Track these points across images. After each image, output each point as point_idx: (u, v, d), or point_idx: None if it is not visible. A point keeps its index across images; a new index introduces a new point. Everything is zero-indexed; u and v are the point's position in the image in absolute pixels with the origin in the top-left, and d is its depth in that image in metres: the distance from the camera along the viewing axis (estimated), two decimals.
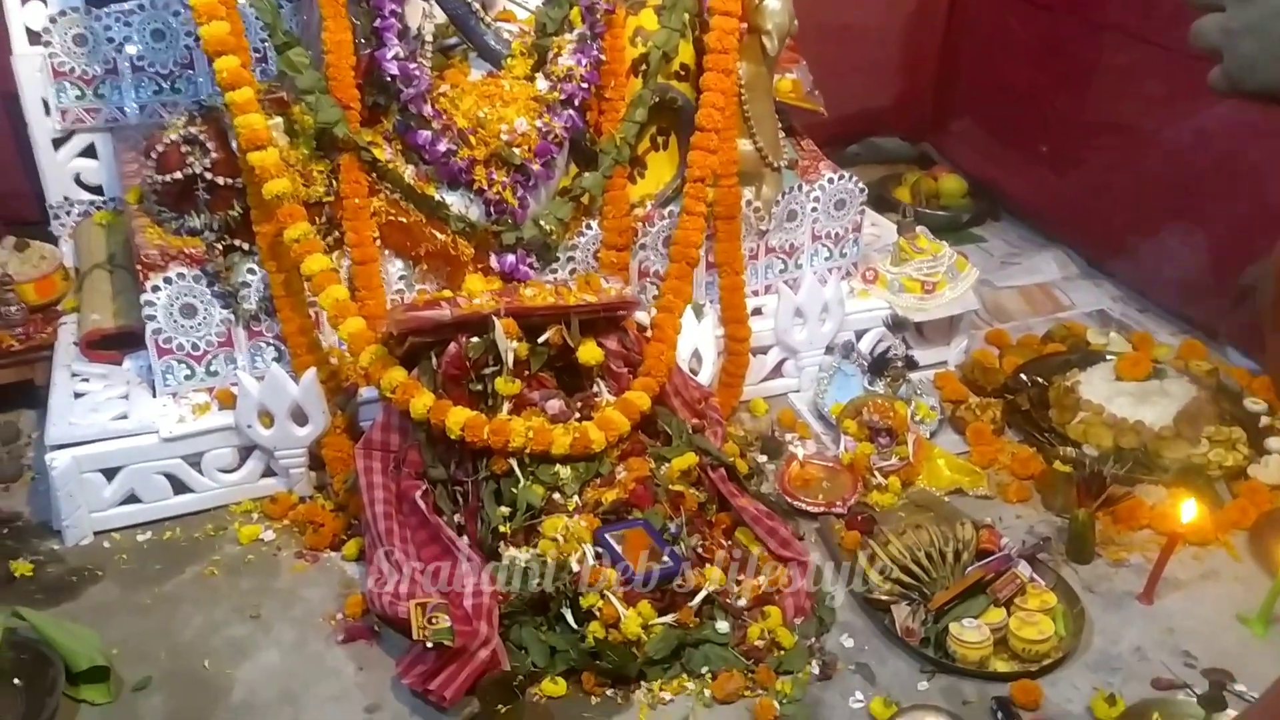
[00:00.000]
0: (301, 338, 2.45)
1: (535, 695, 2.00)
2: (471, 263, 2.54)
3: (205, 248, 2.42)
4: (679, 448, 2.34)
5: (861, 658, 2.10)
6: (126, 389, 2.49)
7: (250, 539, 2.38)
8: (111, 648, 2.10)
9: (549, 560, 2.09)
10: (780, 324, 2.79)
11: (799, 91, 3.05)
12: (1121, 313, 3.25)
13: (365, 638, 2.14)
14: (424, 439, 2.25)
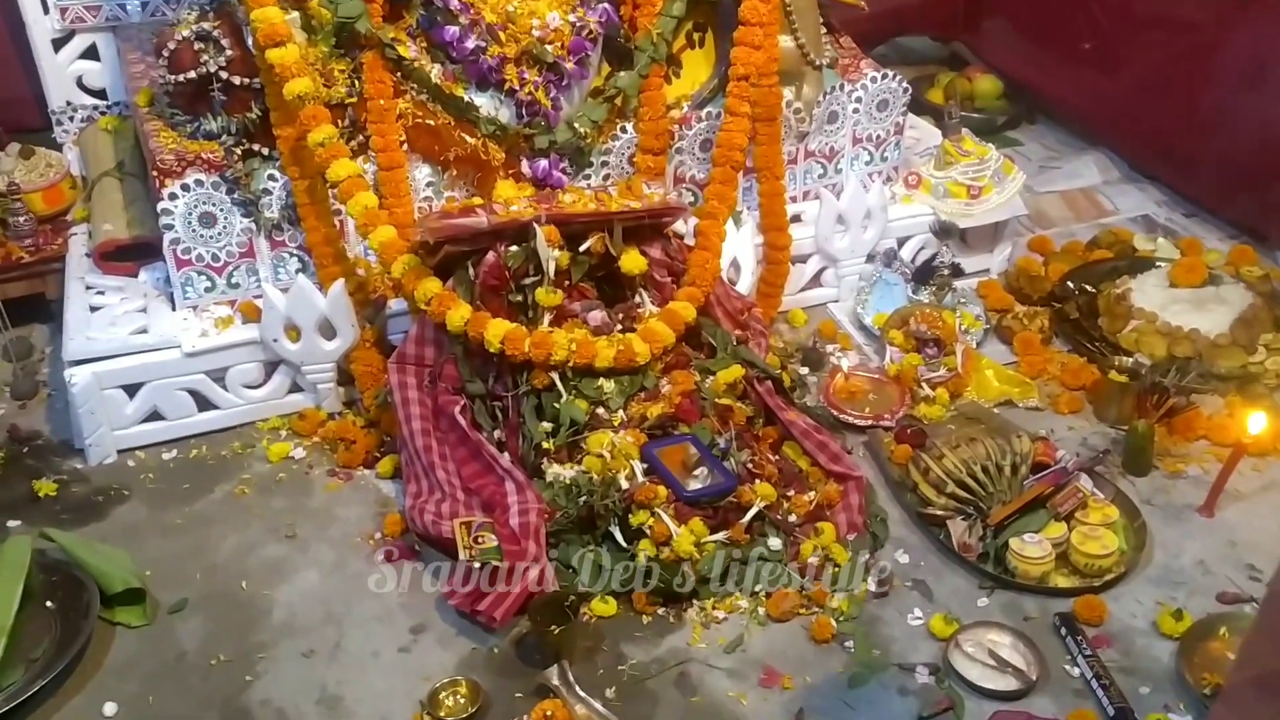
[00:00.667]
0: (327, 248, 2.34)
1: (585, 615, 1.94)
2: (502, 168, 2.42)
3: (223, 152, 2.29)
4: (724, 360, 2.25)
5: (918, 574, 2.05)
6: (144, 302, 2.39)
7: (280, 457, 2.31)
8: (144, 569, 2.03)
9: (595, 477, 2.02)
10: (821, 231, 2.68)
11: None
12: (1167, 218, 3.14)
13: (406, 557, 2.07)
14: (461, 353, 2.16)
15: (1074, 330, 2.63)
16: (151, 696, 1.81)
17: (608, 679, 1.84)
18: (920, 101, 3.57)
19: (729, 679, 1.85)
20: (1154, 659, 1.86)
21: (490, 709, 1.79)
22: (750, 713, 1.79)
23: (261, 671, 1.86)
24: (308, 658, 1.88)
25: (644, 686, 1.84)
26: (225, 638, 1.92)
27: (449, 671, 1.85)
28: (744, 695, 1.82)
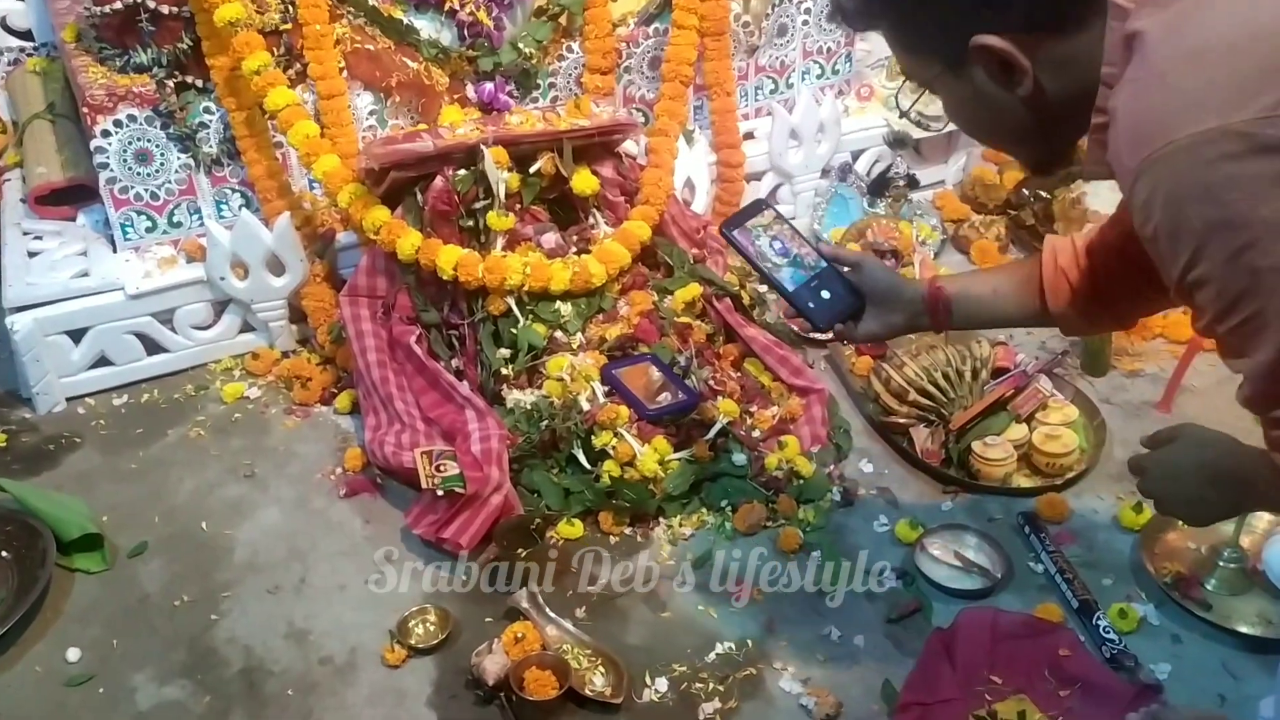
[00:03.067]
0: (270, 181, 2.28)
1: (552, 538, 1.94)
2: (447, 93, 2.36)
3: (155, 86, 2.21)
4: (682, 278, 2.23)
5: (882, 482, 2.05)
6: (84, 245, 2.32)
7: (234, 397, 2.26)
8: (101, 515, 2.00)
9: (555, 401, 1.99)
10: (775, 147, 2.65)
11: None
12: None
13: (368, 490, 2.05)
14: (413, 282, 2.12)
15: (1030, 236, 2.63)
16: (115, 640, 1.79)
17: (577, 599, 1.84)
18: None
19: (698, 594, 1.85)
20: (1116, 552, 1.88)
21: (461, 635, 1.78)
22: (721, 625, 1.79)
23: (226, 610, 1.83)
24: (273, 594, 1.86)
25: (614, 605, 1.83)
26: (188, 579, 1.89)
27: (417, 600, 1.84)
28: (714, 609, 1.82)
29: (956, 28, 1.00)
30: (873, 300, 1.52)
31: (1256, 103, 0.84)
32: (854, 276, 1.54)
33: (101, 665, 1.75)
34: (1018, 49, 0.99)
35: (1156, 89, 0.90)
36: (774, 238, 1.55)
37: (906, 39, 1.08)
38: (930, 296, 1.52)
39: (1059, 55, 0.99)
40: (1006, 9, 0.98)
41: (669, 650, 1.75)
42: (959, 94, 1.08)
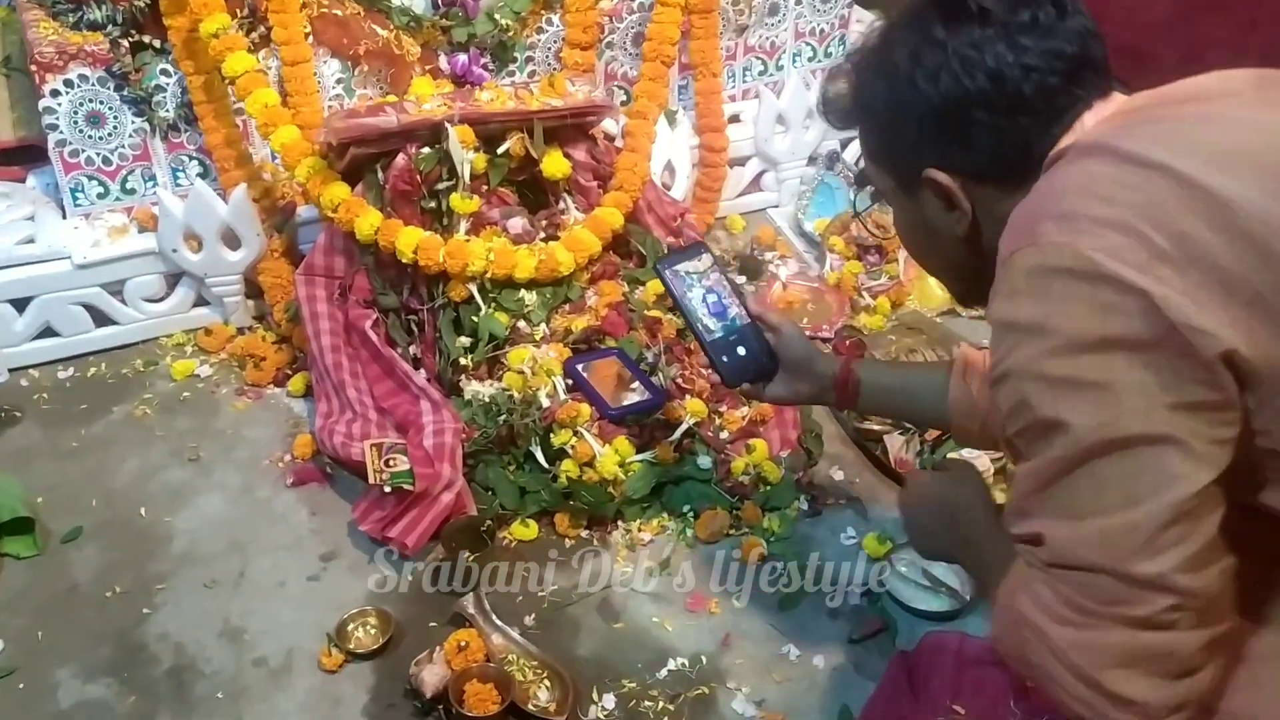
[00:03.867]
0: (228, 150, 2.17)
1: (505, 539, 1.86)
2: (418, 63, 2.26)
3: (109, 45, 2.10)
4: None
5: (853, 491, 1.97)
6: (32, 209, 2.21)
7: (184, 375, 2.17)
8: (36, 496, 1.92)
9: (515, 394, 1.91)
10: (761, 131, 2.55)
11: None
12: None
13: (317, 480, 1.96)
14: (372, 263, 2.03)
15: None
16: (41, 631, 1.70)
17: (527, 605, 1.76)
18: None
19: (654, 604, 1.78)
20: None
21: (403, 639, 1.70)
22: (675, 638, 1.72)
23: (160, 603, 1.75)
24: (210, 588, 1.78)
25: (565, 613, 1.76)
26: (122, 568, 1.81)
27: (360, 601, 1.76)
28: (668, 621, 1.75)
29: (916, 154, 1.07)
30: (786, 367, 1.56)
31: (1109, 238, 0.90)
32: (773, 339, 1.57)
33: (25, 658, 1.67)
34: (963, 191, 1.06)
35: (1045, 197, 0.97)
36: (708, 288, 1.57)
37: (874, 149, 1.14)
38: (840, 377, 1.55)
39: (997, 208, 1.05)
40: (963, 153, 1.04)
41: (619, 664, 1.68)
42: (908, 213, 1.14)
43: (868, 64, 1.11)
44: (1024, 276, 0.94)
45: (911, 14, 1.07)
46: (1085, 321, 0.90)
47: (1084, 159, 0.97)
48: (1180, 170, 0.91)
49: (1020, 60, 1.00)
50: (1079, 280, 0.90)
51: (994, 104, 1.01)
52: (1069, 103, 1.01)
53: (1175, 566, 0.89)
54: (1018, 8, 1.01)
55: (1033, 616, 0.97)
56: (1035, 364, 0.93)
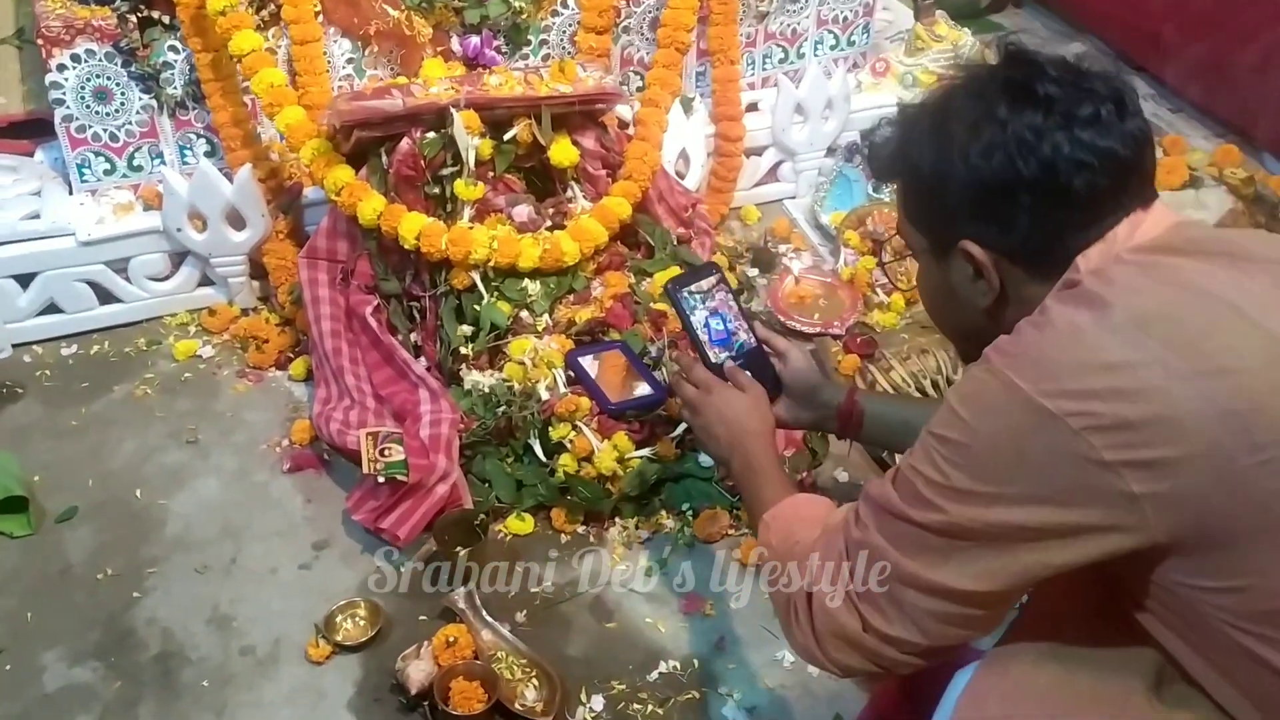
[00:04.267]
0: (236, 129, 2.15)
1: (500, 533, 1.83)
2: (430, 45, 2.22)
3: (117, 20, 2.08)
4: (662, 260, 2.09)
5: (857, 494, 1.92)
6: (39, 184, 2.20)
7: (186, 355, 2.16)
8: (33, 474, 1.91)
9: (515, 385, 1.88)
10: (778, 121, 2.49)
11: None
12: (1153, 113, 2.94)
13: (314, 466, 1.95)
14: (374, 248, 2.00)
15: None
16: (30, 612, 1.70)
17: (519, 602, 1.74)
18: None
19: (648, 604, 1.75)
20: None
21: (391, 632, 1.68)
22: (668, 640, 1.69)
23: (150, 587, 1.74)
24: (201, 574, 1.77)
25: (557, 611, 1.73)
26: (114, 550, 1.80)
27: (351, 591, 1.74)
28: (662, 622, 1.72)
29: (955, 224, 1.07)
30: (790, 392, 1.54)
31: (1061, 402, 0.93)
32: (779, 364, 1.55)
33: (12, 639, 1.66)
34: (994, 267, 1.07)
35: (1035, 328, 0.99)
36: (713, 309, 1.55)
37: (912, 208, 1.14)
38: (844, 408, 1.55)
39: (1022, 289, 1.07)
40: (1001, 233, 1.05)
41: (610, 665, 1.65)
42: (934, 276, 1.14)
43: (921, 123, 1.10)
44: (986, 387, 0.98)
45: (976, 85, 1.07)
46: (1008, 450, 0.96)
47: (1095, 310, 0.96)
48: (1174, 368, 0.92)
49: (1075, 154, 1.00)
50: (1018, 415, 0.95)
51: (1041, 192, 1.02)
52: (1111, 208, 1.02)
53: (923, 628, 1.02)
54: (1082, 101, 1.01)
55: (830, 531, 1.11)
56: (946, 460, 0.98)
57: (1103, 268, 1.00)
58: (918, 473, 1.00)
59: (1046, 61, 1.04)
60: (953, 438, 0.98)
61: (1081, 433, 0.92)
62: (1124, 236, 1.02)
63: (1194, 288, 0.97)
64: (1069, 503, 0.94)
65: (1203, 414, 0.91)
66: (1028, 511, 0.95)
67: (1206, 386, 0.91)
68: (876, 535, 1.03)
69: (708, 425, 1.44)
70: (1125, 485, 0.91)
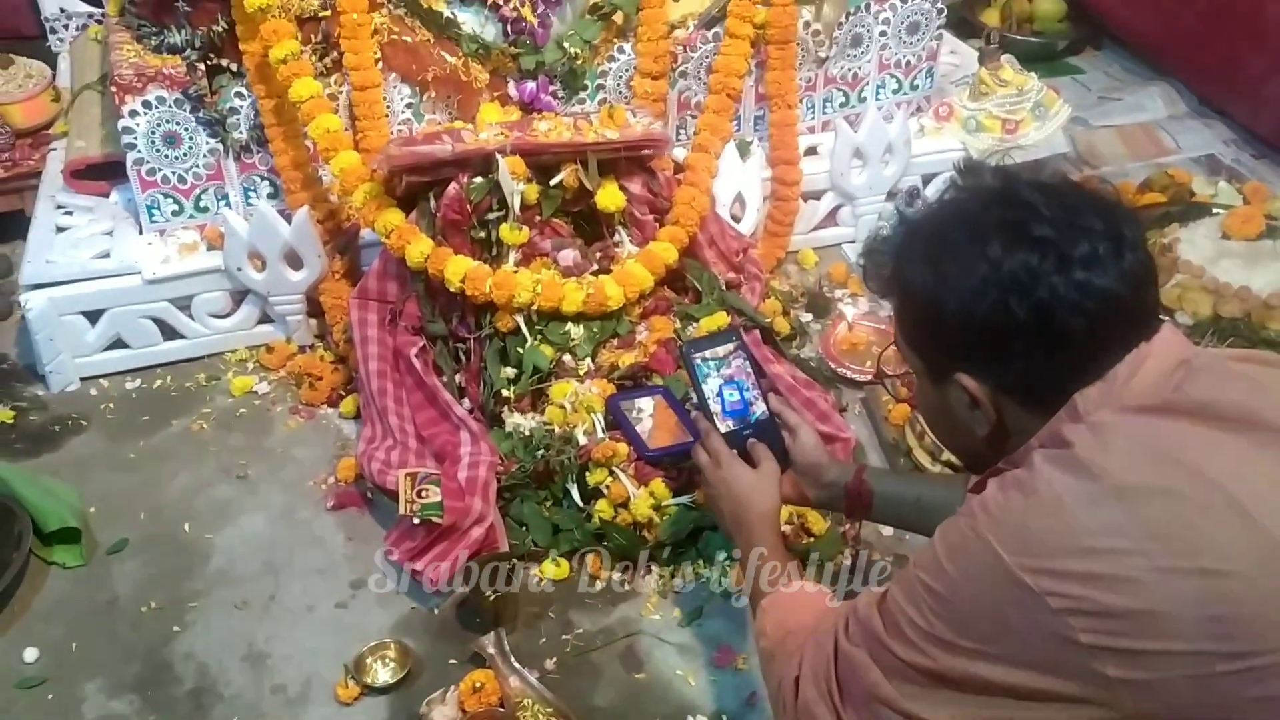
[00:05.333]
0: (296, 172, 2.21)
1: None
2: (487, 90, 2.26)
3: (187, 68, 2.16)
4: (709, 305, 2.08)
5: (900, 549, 1.88)
6: (112, 224, 2.29)
7: (243, 391, 2.21)
8: (90, 505, 1.97)
9: (555, 429, 1.88)
10: (837, 165, 2.47)
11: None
12: (1234, 158, 2.85)
13: (357, 505, 1.97)
14: (423, 290, 2.03)
15: None
16: (75, 643, 1.74)
17: (550, 648, 1.73)
18: (972, 23, 3.31)
19: (680, 655, 1.72)
20: None
21: (420, 675, 1.69)
22: (697, 694, 1.66)
23: (190, 622, 1.78)
24: (240, 609, 1.80)
25: (587, 659, 1.72)
26: (160, 583, 1.84)
27: (384, 632, 1.75)
28: (693, 674, 1.69)
29: (949, 355, 1.06)
30: (797, 469, 1.52)
31: (1041, 580, 0.91)
32: (789, 439, 1.52)
33: (57, 669, 1.71)
34: (990, 399, 1.05)
35: (1022, 493, 0.96)
36: (729, 375, 1.52)
37: (907, 332, 1.12)
38: (853, 488, 1.52)
39: (1021, 422, 1.05)
40: (997, 370, 1.03)
41: (637, 718, 1.63)
42: (931, 398, 1.12)
43: (915, 250, 1.07)
44: (970, 543, 0.97)
45: (969, 219, 1.03)
46: (981, 614, 0.96)
47: (1083, 481, 0.93)
48: (1158, 561, 0.89)
49: (1071, 297, 0.97)
50: (997, 586, 0.94)
51: (1036, 335, 0.99)
52: (1111, 348, 0.99)
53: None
54: (1078, 240, 0.98)
55: (822, 634, 1.12)
56: (931, 610, 0.99)
57: (1100, 424, 0.97)
58: (903, 612, 1.01)
59: (1041, 199, 1.00)
60: (937, 589, 0.98)
61: (1060, 613, 0.90)
62: (1125, 375, 0.99)
63: (1191, 469, 0.92)
64: (1047, 671, 0.93)
65: (1183, 615, 0.88)
66: (1007, 671, 0.95)
67: (1189, 586, 0.88)
68: (864, 654, 1.04)
69: (715, 498, 1.45)
70: (1101, 667, 0.90)
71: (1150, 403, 0.97)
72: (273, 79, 2.12)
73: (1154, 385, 0.98)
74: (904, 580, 1.02)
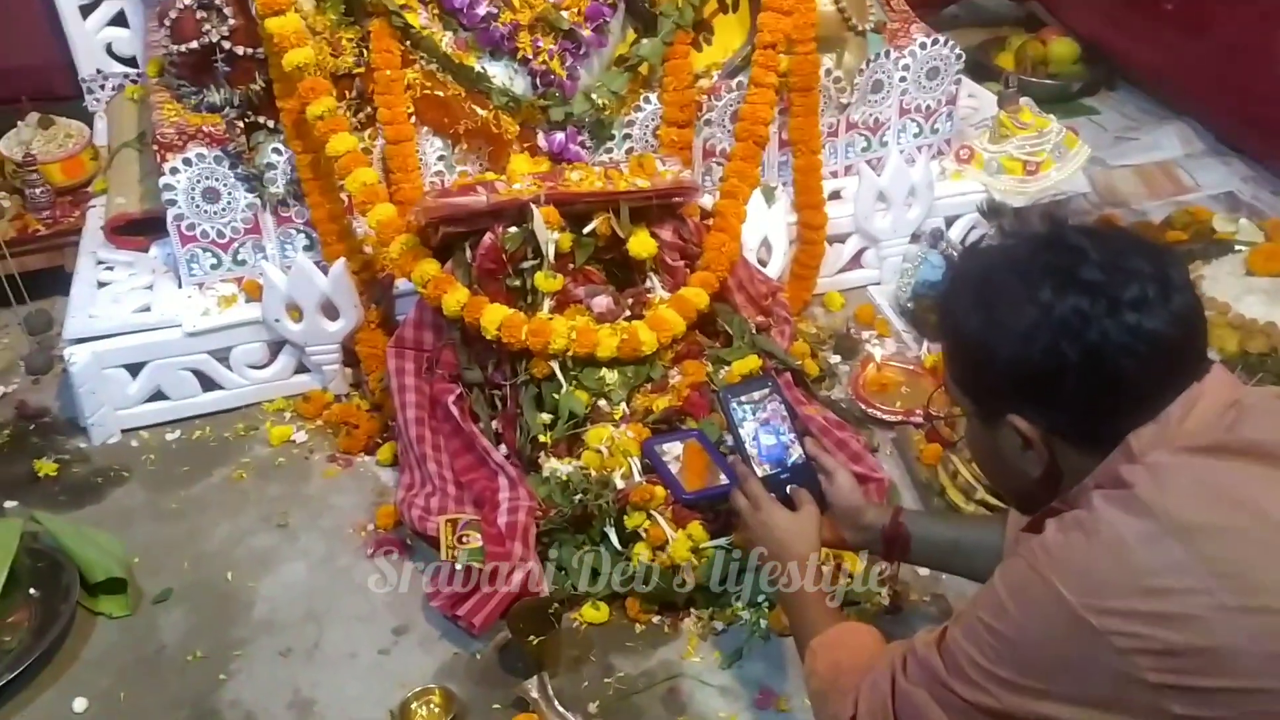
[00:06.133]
0: (332, 225, 2.25)
1: (575, 621, 1.84)
2: (517, 141, 2.30)
3: (225, 126, 2.21)
4: (740, 349, 2.11)
5: (937, 588, 1.89)
6: (152, 278, 2.34)
7: (281, 440, 2.24)
8: (134, 556, 1.99)
9: (592, 473, 1.90)
10: (861, 209, 2.51)
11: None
12: (1253, 195, 2.87)
13: (397, 551, 1.99)
14: (459, 338, 2.06)
15: None
16: (123, 693, 1.76)
17: (592, 691, 1.74)
18: (988, 66, 3.36)
19: (721, 698, 1.73)
20: None
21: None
22: None
23: (236, 670, 1.79)
24: (284, 656, 1.81)
25: (630, 702, 1.73)
26: (205, 632, 1.86)
27: (427, 677, 1.76)
28: (735, 717, 1.70)
29: (1001, 398, 1.07)
30: (834, 513, 1.54)
31: (1106, 620, 0.94)
32: (825, 483, 1.55)
33: (106, 718, 1.72)
34: (1044, 441, 1.07)
35: (1084, 534, 0.98)
36: (765, 419, 1.56)
37: (956, 374, 1.14)
38: (889, 532, 1.54)
39: (1073, 461, 1.07)
40: (1049, 412, 1.05)
41: None
42: (981, 439, 1.15)
43: (964, 294, 1.10)
44: (1027, 578, 0.99)
45: (1018, 264, 1.06)
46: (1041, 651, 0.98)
47: (1144, 521, 0.95)
48: (1221, 599, 0.91)
49: (1121, 339, 0.99)
50: (1056, 624, 0.96)
51: (1088, 378, 1.01)
52: (1162, 388, 1.02)
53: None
54: (1127, 283, 1.00)
55: (878, 673, 1.14)
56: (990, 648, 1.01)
57: (1158, 465, 0.98)
58: (965, 652, 1.03)
59: (1089, 243, 1.02)
60: (1000, 629, 1.00)
61: (1125, 653, 0.93)
62: (1178, 416, 1.01)
63: (1250, 507, 0.95)
64: (1111, 709, 0.95)
65: (1248, 651, 0.90)
66: (1071, 710, 0.97)
67: (1253, 623, 0.90)
68: (924, 693, 1.07)
69: (755, 541, 1.47)
70: (1167, 705, 0.92)
71: (1205, 443, 0.99)
72: (309, 135, 2.17)
73: (1207, 425, 1.00)
74: (964, 621, 1.04)
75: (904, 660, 1.11)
